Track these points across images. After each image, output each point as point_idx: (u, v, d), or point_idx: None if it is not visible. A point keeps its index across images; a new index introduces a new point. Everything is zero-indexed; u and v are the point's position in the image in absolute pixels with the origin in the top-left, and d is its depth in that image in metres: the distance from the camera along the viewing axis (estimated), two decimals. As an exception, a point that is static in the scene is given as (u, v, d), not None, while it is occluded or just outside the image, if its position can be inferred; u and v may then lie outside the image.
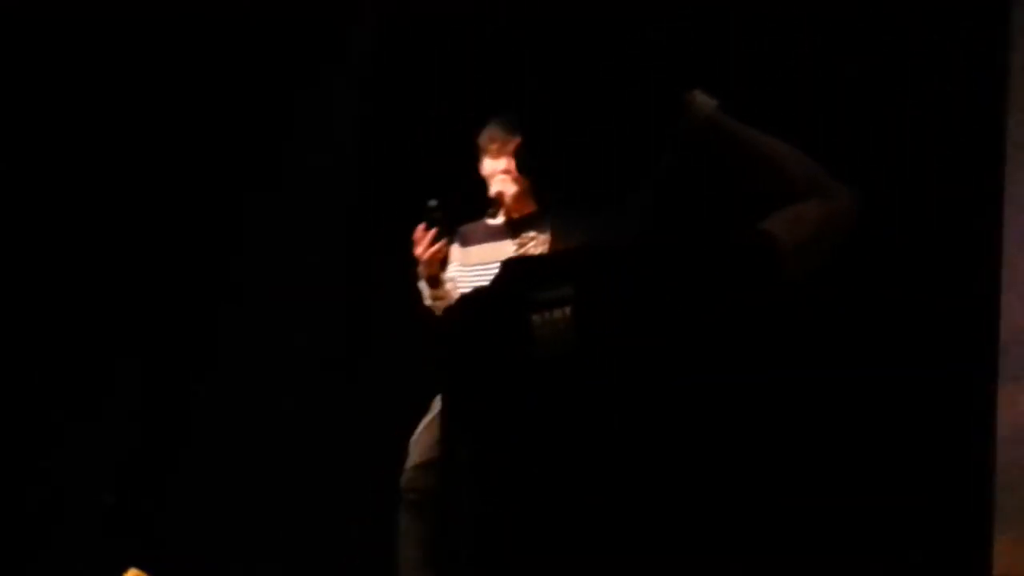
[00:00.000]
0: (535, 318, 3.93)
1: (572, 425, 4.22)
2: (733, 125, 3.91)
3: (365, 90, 6.02)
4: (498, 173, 5.78)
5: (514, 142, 5.50)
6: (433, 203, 5.56)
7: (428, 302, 5.79)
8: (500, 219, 5.91)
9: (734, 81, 5.14)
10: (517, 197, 5.78)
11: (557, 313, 3.91)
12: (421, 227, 5.57)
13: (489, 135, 5.79)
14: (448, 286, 5.81)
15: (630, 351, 4.15)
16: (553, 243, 4.00)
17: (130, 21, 5.76)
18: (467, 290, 6.08)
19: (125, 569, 5.63)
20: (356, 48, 6.03)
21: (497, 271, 4.03)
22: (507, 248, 5.76)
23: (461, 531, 4.14)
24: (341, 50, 5.98)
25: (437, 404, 5.52)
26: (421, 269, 5.71)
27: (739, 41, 5.52)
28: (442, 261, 5.75)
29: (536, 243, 5.62)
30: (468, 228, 6.04)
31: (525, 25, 5.17)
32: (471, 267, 5.96)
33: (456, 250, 5.98)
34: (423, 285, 5.74)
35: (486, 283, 6.42)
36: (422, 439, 5.20)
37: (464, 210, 5.82)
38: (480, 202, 5.88)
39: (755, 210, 3.84)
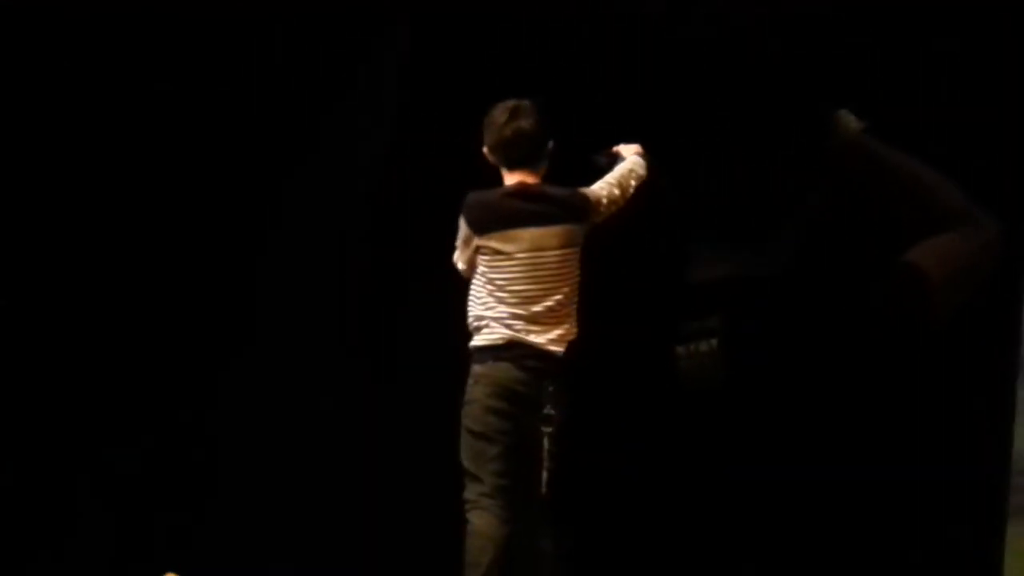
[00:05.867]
0: (680, 350, 3.84)
1: (721, 457, 4.19)
2: (881, 147, 3.83)
3: (400, 85, 5.81)
4: None
5: None
6: None
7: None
8: None
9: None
10: None
11: (703, 345, 3.82)
12: None
13: None
14: None
15: (779, 386, 4.11)
16: (695, 272, 3.91)
17: (175, 21, 5.58)
18: None
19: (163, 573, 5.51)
20: (391, 45, 5.84)
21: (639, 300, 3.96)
22: None
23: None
24: (377, 48, 5.79)
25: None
26: None
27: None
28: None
29: None
30: None
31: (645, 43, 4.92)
32: None
33: None
34: None
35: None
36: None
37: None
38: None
39: (902, 238, 3.76)
